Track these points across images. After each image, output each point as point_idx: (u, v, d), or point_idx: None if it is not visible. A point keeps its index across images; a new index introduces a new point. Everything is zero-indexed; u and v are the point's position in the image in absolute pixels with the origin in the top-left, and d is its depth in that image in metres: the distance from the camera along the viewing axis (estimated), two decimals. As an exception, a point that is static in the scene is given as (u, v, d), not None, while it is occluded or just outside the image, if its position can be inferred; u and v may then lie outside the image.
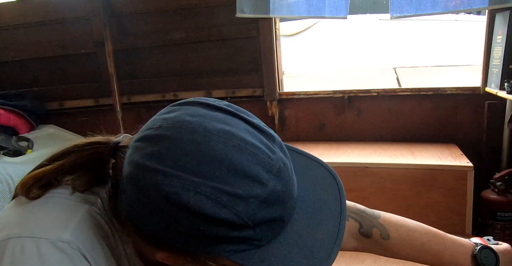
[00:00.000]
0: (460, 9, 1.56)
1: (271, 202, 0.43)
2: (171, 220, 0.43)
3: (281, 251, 0.45)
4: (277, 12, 1.74)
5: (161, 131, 0.45)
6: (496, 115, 1.66)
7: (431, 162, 1.50)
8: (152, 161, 0.43)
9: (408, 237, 0.76)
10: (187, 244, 0.44)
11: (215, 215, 0.41)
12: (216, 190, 0.41)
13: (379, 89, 1.83)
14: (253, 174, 0.43)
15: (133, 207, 0.45)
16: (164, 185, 0.42)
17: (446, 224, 1.50)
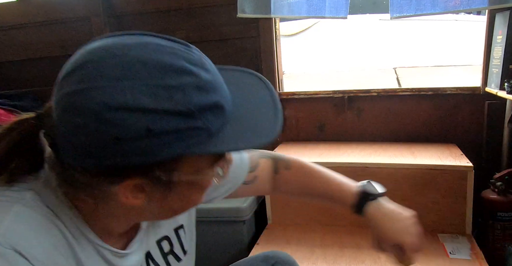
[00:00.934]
0: (459, 9, 1.56)
1: (205, 89, 0.46)
2: (120, 129, 0.43)
3: (232, 136, 0.48)
4: (278, 12, 1.74)
5: (79, 61, 0.45)
6: (496, 115, 1.66)
7: (431, 162, 1.50)
8: (80, 84, 0.44)
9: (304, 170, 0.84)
10: (146, 153, 0.44)
11: (158, 107, 0.43)
12: (150, 86, 0.43)
13: (379, 89, 1.83)
14: (179, 66, 0.45)
15: (79, 143, 0.44)
16: (99, 97, 0.42)
17: (446, 224, 1.50)
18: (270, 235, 1.59)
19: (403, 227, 0.76)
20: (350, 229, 1.58)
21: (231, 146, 0.48)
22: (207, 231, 1.61)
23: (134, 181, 0.47)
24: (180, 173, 0.49)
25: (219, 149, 0.47)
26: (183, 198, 0.53)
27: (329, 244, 1.49)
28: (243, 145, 0.50)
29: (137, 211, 0.53)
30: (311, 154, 1.69)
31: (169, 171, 0.48)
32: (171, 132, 0.44)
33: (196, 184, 0.52)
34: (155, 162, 0.46)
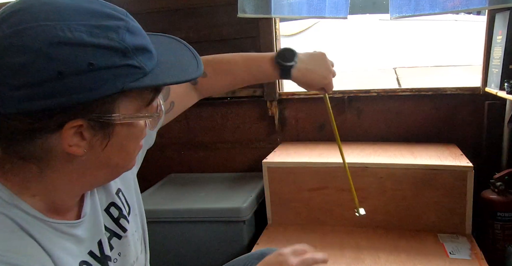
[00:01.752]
0: (459, 9, 1.56)
1: (135, 33, 0.50)
2: (62, 64, 0.45)
3: (162, 74, 0.52)
4: (278, 12, 1.74)
5: (7, 10, 0.47)
6: (496, 115, 1.66)
7: (431, 162, 1.50)
8: (17, 26, 0.45)
9: (219, 66, 0.87)
10: (87, 89, 0.46)
11: (96, 43, 0.46)
12: (87, 26, 0.46)
13: (379, 89, 1.83)
14: (109, 13, 0.49)
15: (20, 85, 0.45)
16: (40, 34, 0.44)
17: (446, 224, 1.50)
18: (270, 235, 1.59)
19: (324, 72, 0.92)
20: (350, 229, 1.58)
21: (163, 81, 0.52)
22: (207, 231, 1.61)
23: (75, 123, 0.48)
24: (118, 115, 0.51)
25: (153, 83, 0.51)
26: (121, 148, 0.55)
27: (329, 244, 1.49)
28: (174, 79, 0.53)
29: (79, 170, 0.54)
30: (311, 154, 1.70)
31: (108, 112, 0.50)
32: (110, 67, 0.47)
33: (132, 131, 0.55)
34: (96, 99, 0.47)
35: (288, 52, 0.87)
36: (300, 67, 0.88)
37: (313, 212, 1.63)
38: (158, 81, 0.52)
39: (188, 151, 2.08)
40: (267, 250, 1.02)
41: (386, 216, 1.55)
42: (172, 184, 1.94)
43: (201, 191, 1.79)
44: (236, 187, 1.81)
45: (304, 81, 0.91)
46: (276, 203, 1.65)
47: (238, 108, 1.99)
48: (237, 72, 0.88)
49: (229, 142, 2.04)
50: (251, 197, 1.65)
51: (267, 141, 2.00)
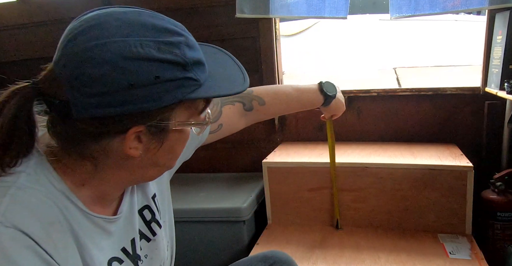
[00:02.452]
0: (459, 9, 1.56)
1: (192, 47, 0.56)
2: (133, 77, 0.50)
3: (214, 86, 0.58)
4: (277, 12, 1.74)
5: (83, 26, 0.53)
6: (496, 115, 1.66)
7: (431, 162, 1.50)
8: (94, 41, 0.51)
9: (276, 96, 0.99)
10: (153, 99, 0.52)
11: (163, 58, 0.52)
12: (155, 42, 0.52)
13: (379, 89, 1.83)
14: (171, 28, 0.55)
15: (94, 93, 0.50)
16: (114, 49, 0.50)
17: (446, 224, 1.50)
18: (270, 235, 1.59)
19: (342, 106, 1.11)
20: (350, 229, 1.58)
21: (216, 93, 0.58)
22: (207, 231, 1.61)
23: (137, 128, 0.54)
24: (174, 122, 0.57)
25: (208, 95, 0.57)
26: (171, 151, 0.61)
27: (329, 244, 1.49)
28: (225, 92, 0.59)
29: (130, 168, 0.59)
30: (311, 154, 1.69)
31: (166, 119, 0.56)
32: (173, 80, 0.53)
33: (182, 136, 0.60)
34: (159, 108, 0.53)
35: (331, 85, 1.06)
36: (337, 98, 1.07)
37: (313, 212, 1.63)
38: (211, 93, 0.57)
39: (188, 151, 2.08)
40: (270, 253, 1.02)
41: (386, 216, 1.55)
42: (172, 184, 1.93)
43: (201, 191, 1.79)
44: (236, 187, 1.81)
45: (334, 109, 1.10)
46: (276, 203, 1.65)
47: (238, 108, 1.99)
48: (291, 102, 1.02)
49: (229, 142, 2.04)
50: (251, 197, 1.65)
51: (267, 141, 2.00)
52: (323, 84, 1.04)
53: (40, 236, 0.50)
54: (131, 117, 0.53)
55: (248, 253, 1.47)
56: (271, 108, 0.99)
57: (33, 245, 0.49)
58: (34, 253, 0.49)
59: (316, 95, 1.03)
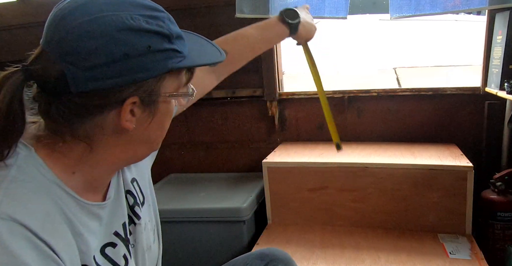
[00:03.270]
0: (459, 9, 1.56)
1: (173, 23, 0.59)
2: (128, 47, 0.53)
3: (196, 57, 0.62)
4: (276, 12, 1.72)
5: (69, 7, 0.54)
6: (496, 115, 1.66)
7: (431, 162, 1.50)
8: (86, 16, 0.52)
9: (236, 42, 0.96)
10: (145, 69, 0.55)
11: (152, 29, 0.55)
12: (142, 16, 0.55)
13: (379, 89, 1.83)
14: (154, 6, 0.58)
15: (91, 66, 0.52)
16: (109, 21, 0.52)
17: (446, 224, 1.50)
18: (270, 235, 1.59)
19: (311, 28, 1.04)
20: (350, 229, 1.58)
21: (200, 62, 0.62)
22: (207, 231, 1.61)
23: (133, 99, 0.56)
24: (164, 93, 0.59)
25: (193, 64, 0.61)
26: (160, 125, 0.62)
27: (329, 244, 1.49)
28: (207, 61, 0.64)
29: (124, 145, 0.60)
30: (311, 154, 1.70)
31: (156, 91, 0.58)
32: (162, 50, 0.56)
33: (169, 109, 0.62)
34: (151, 79, 0.56)
35: (292, 12, 1.00)
36: (303, 22, 1.01)
37: (313, 212, 1.63)
38: (195, 62, 0.61)
39: (188, 151, 2.08)
40: (267, 250, 1.01)
41: (386, 216, 1.55)
42: (172, 184, 1.94)
43: (201, 191, 1.79)
44: (236, 187, 1.81)
45: (304, 35, 1.04)
46: (276, 203, 1.65)
47: (238, 108, 1.99)
48: (255, 44, 0.98)
49: (229, 142, 2.04)
50: (251, 197, 1.65)
51: (267, 141, 2.00)
52: (283, 13, 0.99)
53: (37, 227, 0.50)
54: (127, 88, 0.55)
55: (248, 253, 1.47)
56: (236, 55, 0.96)
57: (31, 237, 0.50)
58: (33, 244, 0.50)
59: (279, 27, 0.99)
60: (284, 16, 0.98)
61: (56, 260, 0.52)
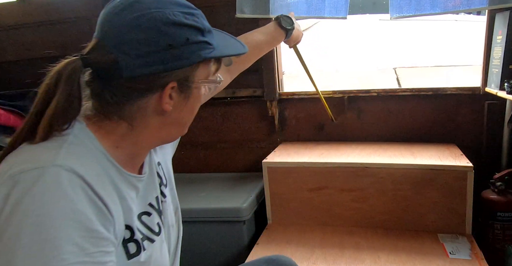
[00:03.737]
0: (459, 9, 1.56)
1: (205, 18, 0.70)
2: (171, 39, 0.62)
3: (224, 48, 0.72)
4: (277, 12, 1.74)
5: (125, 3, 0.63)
6: (496, 115, 1.67)
7: (431, 162, 1.50)
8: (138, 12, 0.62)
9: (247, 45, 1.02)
10: (184, 58, 0.64)
11: (190, 24, 0.65)
12: (182, 12, 0.65)
13: (379, 89, 1.83)
14: (188, 4, 0.68)
15: (140, 54, 0.61)
16: (157, 17, 0.62)
17: (446, 224, 1.50)
18: (270, 235, 1.59)
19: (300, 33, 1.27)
20: (350, 229, 1.58)
21: (228, 53, 0.73)
22: (207, 231, 1.61)
23: (173, 84, 0.65)
24: (198, 79, 0.68)
25: (222, 54, 0.71)
26: (192, 109, 0.72)
27: (329, 244, 1.49)
28: (234, 52, 0.75)
29: (160, 126, 0.69)
30: (311, 154, 1.70)
31: (191, 77, 0.67)
32: (197, 42, 0.65)
33: (200, 94, 0.71)
34: (188, 66, 0.65)
35: (288, 18, 1.16)
36: (295, 27, 1.19)
37: (313, 212, 1.63)
38: (223, 53, 0.72)
39: (188, 151, 2.08)
40: (274, 256, 1.04)
41: (386, 216, 1.56)
42: (172, 184, 1.94)
43: (201, 191, 1.79)
44: (236, 187, 1.81)
45: (295, 38, 1.24)
46: (276, 203, 1.65)
47: (238, 108, 2.00)
48: (261, 46, 1.12)
49: (229, 142, 2.04)
50: (251, 197, 1.65)
51: (267, 141, 2.00)
52: (280, 20, 1.14)
53: (92, 181, 0.58)
54: (168, 74, 0.64)
55: (248, 253, 1.47)
56: (247, 57, 1.06)
57: (86, 188, 0.57)
58: (88, 194, 0.57)
59: (277, 31, 1.15)
60: (281, 22, 1.14)
61: (105, 212, 0.59)
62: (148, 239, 0.71)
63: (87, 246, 0.54)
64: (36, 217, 0.52)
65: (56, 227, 0.52)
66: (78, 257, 0.53)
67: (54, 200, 0.53)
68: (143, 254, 0.68)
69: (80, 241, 0.53)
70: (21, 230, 0.52)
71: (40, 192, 0.54)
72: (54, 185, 0.54)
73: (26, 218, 0.52)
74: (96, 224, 0.56)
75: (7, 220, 0.53)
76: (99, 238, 0.56)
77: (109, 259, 0.57)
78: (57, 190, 0.54)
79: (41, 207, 0.53)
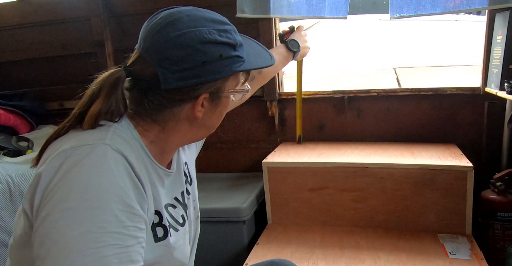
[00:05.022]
0: (459, 9, 1.56)
1: (237, 33, 0.75)
2: (206, 56, 0.68)
3: (252, 61, 0.77)
4: (277, 12, 1.74)
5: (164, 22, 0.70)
6: (496, 115, 1.67)
7: (431, 162, 1.50)
8: (176, 32, 0.68)
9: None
10: (217, 72, 0.70)
11: (224, 41, 0.70)
12: (216, 30, 0.70)
13: (379, 89, 1.83)
14: (223, 20, 0.73)
15: (177, 70, 0.67)
16: (193, 36, 0.68)
17: (446, 224, 1.50)
18: (270, 235, 1.59)
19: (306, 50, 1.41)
20: (350, 229, 1.58)
21: (256, 65, 0.78)
22: (207, 231, 1.60)
23: (205, 95, 0.71)
24: (228, 89, 0.74)
25: (251, 67, 0.77)
26: (220, 115, 0.78)
27: (329, 244, 1.49)
28: (262, 65, 0.80)
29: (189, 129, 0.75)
30: (311, 154, 1.70)
31: (222, 88, 0.73)
32: (229, 57, 0.71)
33: (228, 102, 0.77)
34: (220, 78, 0.71)
35: (295, 42, 1.31)
36: (301, 48, 1.33)
37: (313, 212, 1.63)
38: (252, 66, 0.77)
39: (188, 151, 2.08)
40: (277, 260, 1.05)
41: (386, 216, 1.56)
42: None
43: (201, 191, 1.78)
44: (236, 187, 1.81)
45: (301, 55, 1.39)
46: (276, 203, 1.65)
47: (238, 108, 1.97)
48: (276, 65, 1.16)
49: (229, 142, 2.04)
50: (251, 197, 1.65)
51: (267, 141, 2.00)
52: (288, 44, 1.30)
53: (134, 162, 0.65)
54: (202, 86, 0.70)
55: (248, 253, 1.47)
56: (266, 73, 1.21)
57: (128, 167, 0.63)
58: (129, 173, 0.63)
59: (287, 53, 1.30)
60: (289, 46, 1.30)
61: (142, 191, 0.65)
62: (173, 228, 0.76)
63: (124, 219, 0.59)
64: (83, 185, 0.58)
65: (100, 197, 0.58)
66: (115, 228, 0.57)
67: (100, 173, 0.60)
68: (169, 239, 0.73)
69: (119, 213, 0.58)
70: (68, 195, 0.57)
71: (89, 164, 0.60)
72: (102, 160, 0.61)
73: (74, 185, 0.58)
74: (133, 201, 0.61)
75: (56, 185, 0.59)
76: (135, 214, 0.61)
77: (141, 235, 0.61)
78: (104, 165, 0.61)
79: (88, 177, 0.59)
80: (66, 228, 0.55)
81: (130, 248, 0.58)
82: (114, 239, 0.56)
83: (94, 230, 0.56)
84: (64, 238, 0.55)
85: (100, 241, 0.55)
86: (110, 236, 0.56)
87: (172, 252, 0.74)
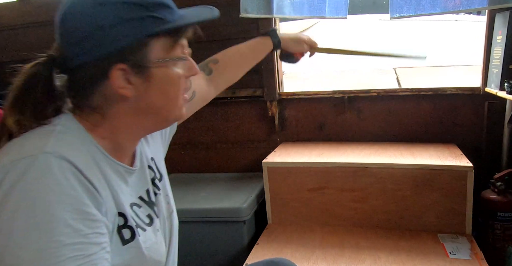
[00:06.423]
0: (459, 9, 1.56)
1: None
2: (101, 20, 0.60)
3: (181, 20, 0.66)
4: (279, 12, 1.74)
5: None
6: (496, 115, 1.67)
7: (431, 162, 1.50)
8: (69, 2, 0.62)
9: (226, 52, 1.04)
10: (122, 37, 0.60)
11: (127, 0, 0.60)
12: None
13: (379, 89, 1.83)
14: None
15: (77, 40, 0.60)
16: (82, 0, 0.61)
17: (446, 224, 1.50)
18: (270, 235, 1.59)
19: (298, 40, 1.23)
20: (350, 229, 1.58)
21: (179, 24, 0.65)
22: (207, 231, 1.61)
23: (119, 66, 0.61)
24: (152, 59, 0.63)
25: (170, 27, 0.64)
26: (162, 92, 0.67)
27: (329, 244, 1.49)
28: (192, 20, 0.68)
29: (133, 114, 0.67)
30: (311, 154, 1.70)
31: (143, 57, 0.63)
32: (136, 19, 0.61)
33: (169, 76, 0.66)
34: (132, 45, 0.61)
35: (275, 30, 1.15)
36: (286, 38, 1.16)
37: (313, 212, 1.63)
38: (174, 25, 0.65)
39: (188, 151, 2.08)
40: (276, 259, 1.04)
41: (386, 216, 1.56)
42: (172, 184, 1.92)
43: (201, 191, 1.79)
44: (236, 187, 1.81)
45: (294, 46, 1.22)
46: (276, 203, 1.66)
47: (238, 108, 2.00)
48: (243, 53, 1.09)
49: (229, 142, 2.04)
50: (251, 197, 1.65)
51: (267, 141, 2.00)
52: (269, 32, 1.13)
53: (82, 166, 0.59)
54: (110, 56, 0.61)
55: (248, 253, 1.47)
56: (228, 64, 1.05)
57: (77, 172, 0.58)
58: (78, 178, 0.58)
59: (262, 39, 1.12)
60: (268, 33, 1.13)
61: (96, 194, 0.60)
62: (141, 228, 0.72)
63: (82, 228, 0.55)
64: (29, 201, 0.54)
65: (50, 210, 0.54)
66: (73, 238, 0.54)
67: (47, 186, 0.55)
68: (138, 239, 0.69)
69: (74, 223, 0.55)
70: (15, 214, 0.53)
71: (32, 178, 0.55)
72: (45, 171, 0.56)
73: (20, 202, 0.54)
74: (89, 206, 0.58)
75: (0, 204, 0.54)
76: (93, 220, 0.58)
77: (104, 240, 0.59)
78: (48, 176, 0.56)
79: (34, 192, 0.54)
80: (20, 249, 0.52)
81: (93, 256, 0.56)
82: (74, 251, 0.54)
83: (50, 245, 0.52)
84: (17, 259, 0.52)
85: (59, 256, 0.52)
86: (69, 249, 0.53)
87: (144, 252, 0.70)
